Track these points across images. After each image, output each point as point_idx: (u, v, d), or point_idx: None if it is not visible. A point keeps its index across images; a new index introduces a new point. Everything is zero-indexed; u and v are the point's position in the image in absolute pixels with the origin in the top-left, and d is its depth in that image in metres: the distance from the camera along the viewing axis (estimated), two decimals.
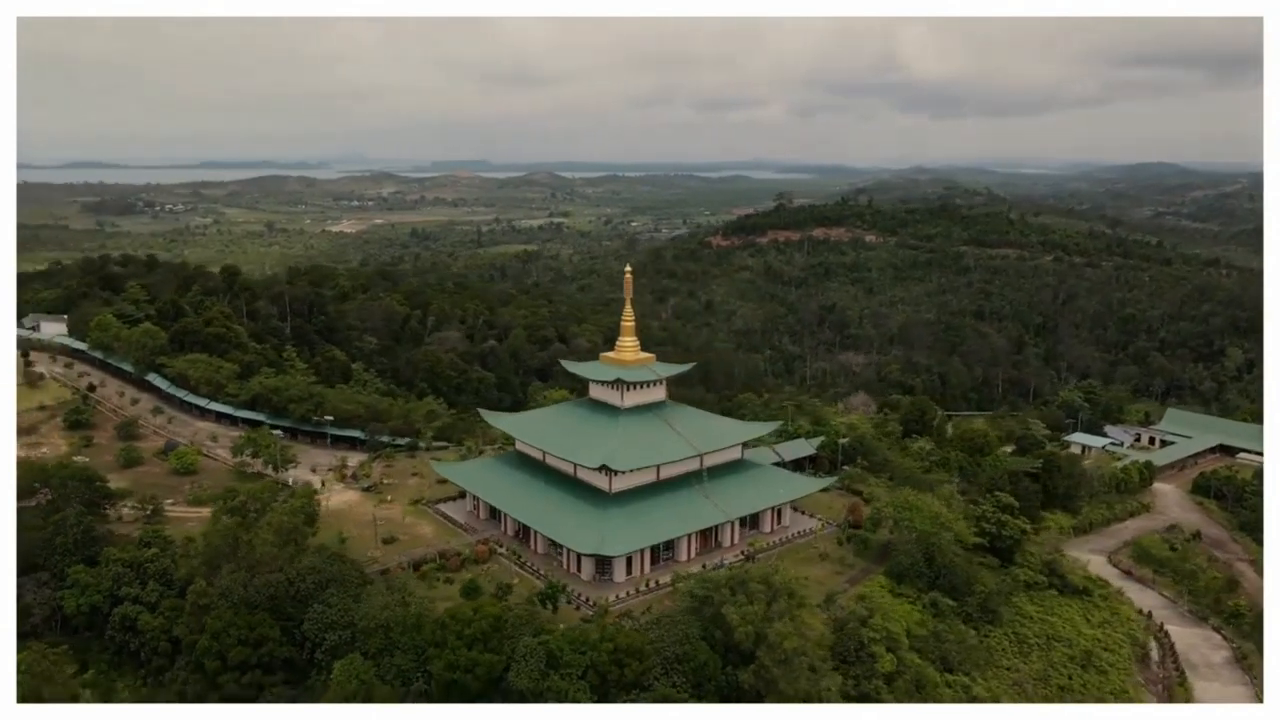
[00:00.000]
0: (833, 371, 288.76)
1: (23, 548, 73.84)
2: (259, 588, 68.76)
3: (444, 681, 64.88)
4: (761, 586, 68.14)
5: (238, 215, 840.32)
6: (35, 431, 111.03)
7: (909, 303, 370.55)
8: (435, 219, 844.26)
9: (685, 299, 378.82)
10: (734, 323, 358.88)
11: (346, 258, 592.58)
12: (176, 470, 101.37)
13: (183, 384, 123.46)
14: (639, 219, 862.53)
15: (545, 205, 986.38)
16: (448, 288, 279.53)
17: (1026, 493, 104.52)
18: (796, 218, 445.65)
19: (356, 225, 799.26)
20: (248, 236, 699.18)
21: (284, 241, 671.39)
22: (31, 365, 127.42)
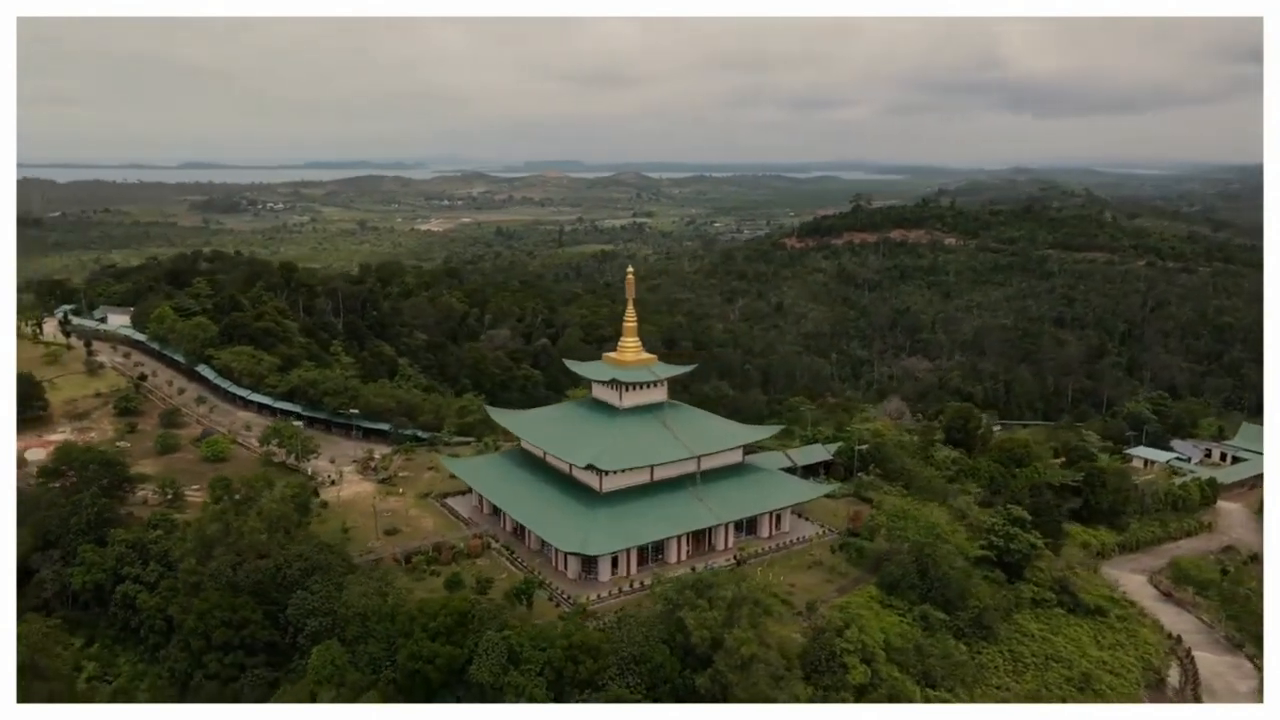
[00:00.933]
0: (898, 377, 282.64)
1: (42, 526, 78.99)
2: (246, 572, 71.76)
3: (407, 671, 66.58)
4: (724, 591, 67.75)
5: (334, 214, 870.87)
6: (88, 416, 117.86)
7: (986, 308, 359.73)
8: (521, 218, 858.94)
9: (754, 300, 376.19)
10: (803, 325, 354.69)
11: (431, 255, 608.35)
12: (207, 458, 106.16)
13: (228, 375, 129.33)
14: (722, 220, 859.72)
15: (630, 205, 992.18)
16: (511, 286, 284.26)
17: (1046, 506, 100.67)
18: (873, 219, 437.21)
19: (444, 224, 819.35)
20: (341, 234, 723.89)
21: (374, 240, 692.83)
22: (94, 354, 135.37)
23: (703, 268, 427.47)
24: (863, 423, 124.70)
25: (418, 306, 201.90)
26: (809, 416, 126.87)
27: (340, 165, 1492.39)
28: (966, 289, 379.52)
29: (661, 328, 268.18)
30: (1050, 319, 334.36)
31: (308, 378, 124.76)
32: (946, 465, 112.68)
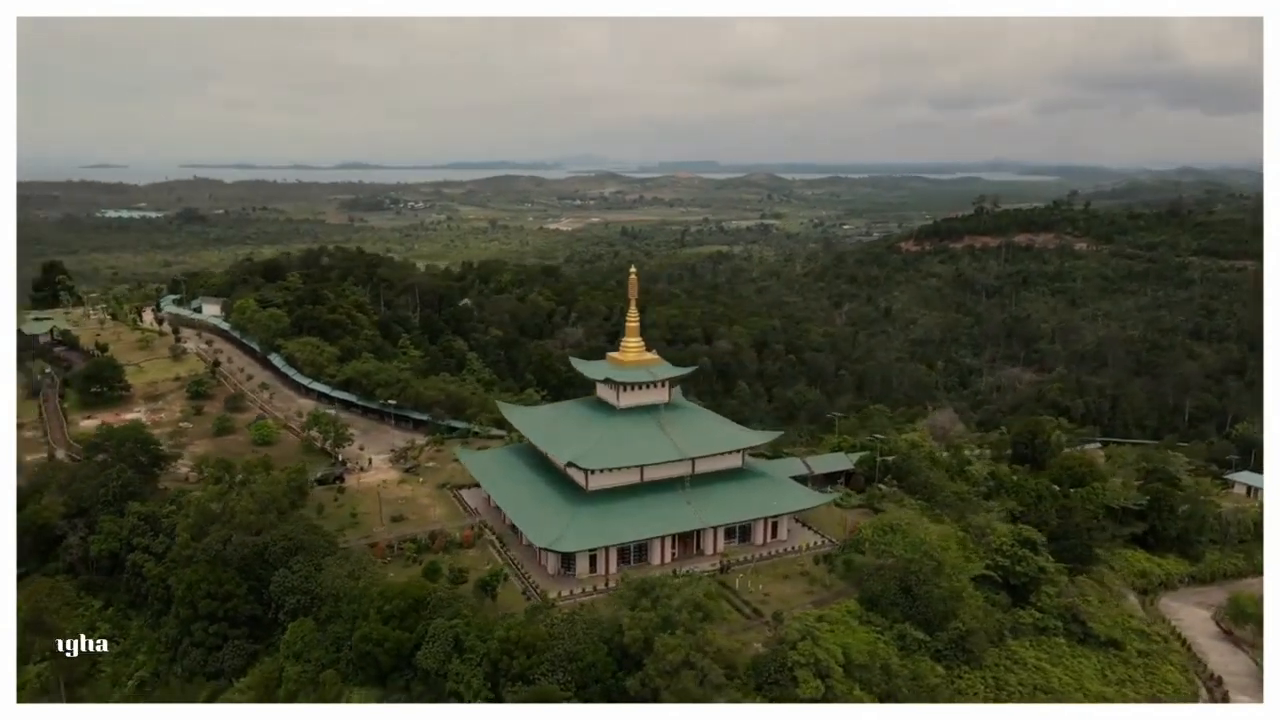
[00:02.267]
0: (1004, 387, 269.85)
1: (74, 495, 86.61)
2: (234, 548, 76.48)
3: (360, 651, 69.60)
4: (667, 594, 67.46)
5: (470, 213, 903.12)
6: (163, 398, 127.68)
7: (1114, 317, 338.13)
8: (649, 218, 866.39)
9: (862, 305, 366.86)
10: (912, 332, 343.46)
11: (554, 253, 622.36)
12: (255, 441, 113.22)
13: (293, 364, 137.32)
14: (853, 221, 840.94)
15: (759, 207, 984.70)
16: (606, 285, 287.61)
17: (1074, 529, 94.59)
18: (998, 222, 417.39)
19: (573, 223, 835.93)
20: (472, 232, 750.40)
21: (503, 238, 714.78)
22: (180, 341, 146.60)
23: (812, 270, 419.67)
24: (904, 433, 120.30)
25: (497, 303, 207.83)
26: (839, 424, 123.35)
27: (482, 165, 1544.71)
28: (1094, 297, 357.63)
29: (754, 330, 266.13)
30: (1185, 330, 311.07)
31: (362, 369, 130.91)
32: (980, 481, 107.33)
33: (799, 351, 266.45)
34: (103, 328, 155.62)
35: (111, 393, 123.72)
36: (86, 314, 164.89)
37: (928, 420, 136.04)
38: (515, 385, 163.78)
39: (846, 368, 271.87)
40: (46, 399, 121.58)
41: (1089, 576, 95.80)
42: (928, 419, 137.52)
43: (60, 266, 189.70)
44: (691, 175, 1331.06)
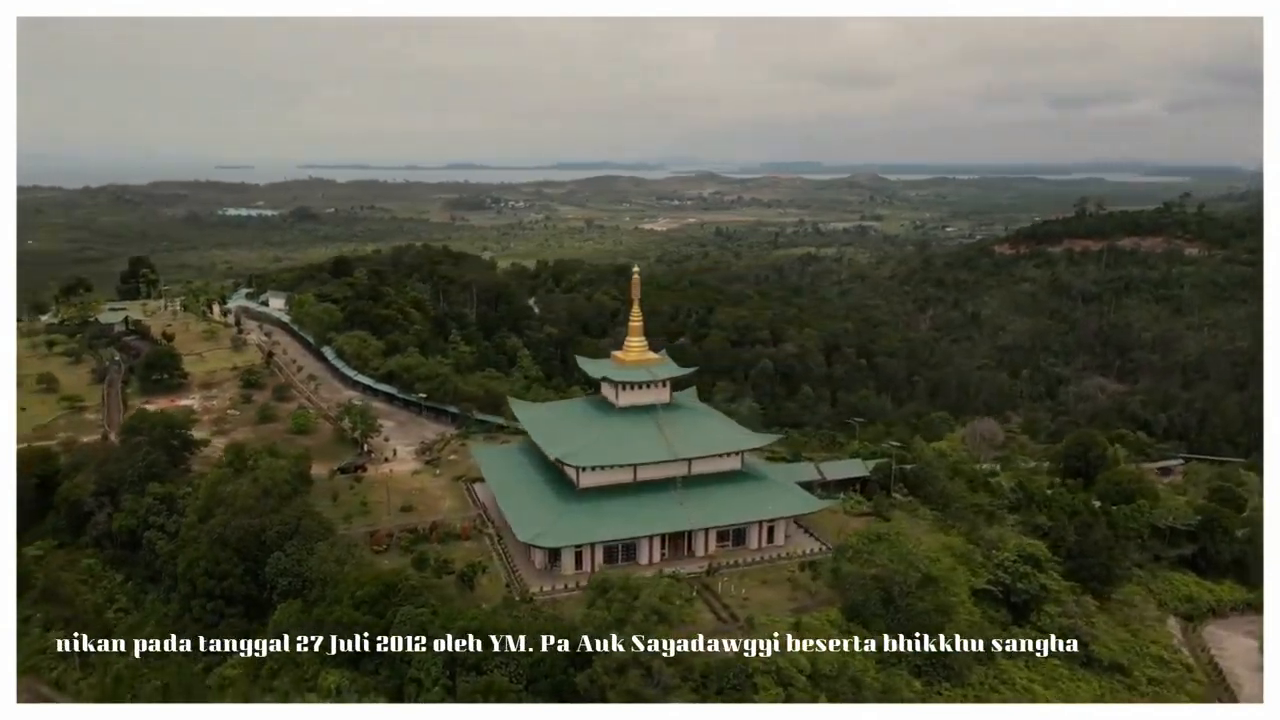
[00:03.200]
0: (1088, 397, 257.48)
1: (106, 475, 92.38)
2: (233, 530, 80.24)
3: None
4: (621, 594, 67.57)
5: (568, 212, 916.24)
6: (218, 386, 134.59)
7: (1223, 327, 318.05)
8: (745, 219, 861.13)
9: (949, 310, 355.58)
10: (999, 338, 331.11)
11: (645, 253, 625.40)
12: (293, 430, 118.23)
13: (341, 357, 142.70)
14: (957, 224, 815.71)
15: (860, 208, 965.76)
16: (678, 286, 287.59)
17: (1093, 547, 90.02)
18: (1101, 225, 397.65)
19: (669, 224, 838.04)
20: (568, 232, 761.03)
21: (597, 238, 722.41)
22: (242, 333, 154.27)
23: (898, 273, 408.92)
24: (928, 443, 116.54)
25: (563, 302, 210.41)
26: (868, 430, 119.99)
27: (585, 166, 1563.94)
28: (1202, 305, 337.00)
29: (824, 333, 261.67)
30: None
31: (404, 363, 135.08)
32: (1004, 492, 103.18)
33: (871, 356, 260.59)
34: (175, 319, 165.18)
35: (170, 380, 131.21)
36: (164, 306, 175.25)
37: (967, 428, 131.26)
38: (564, 383, 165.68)
39: (921, 374, 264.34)
40: (111, 384, 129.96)
41: (1111, 597, 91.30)
42: (967, 427, 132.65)
43: (145, 261, 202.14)
44: (793, 176, 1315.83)
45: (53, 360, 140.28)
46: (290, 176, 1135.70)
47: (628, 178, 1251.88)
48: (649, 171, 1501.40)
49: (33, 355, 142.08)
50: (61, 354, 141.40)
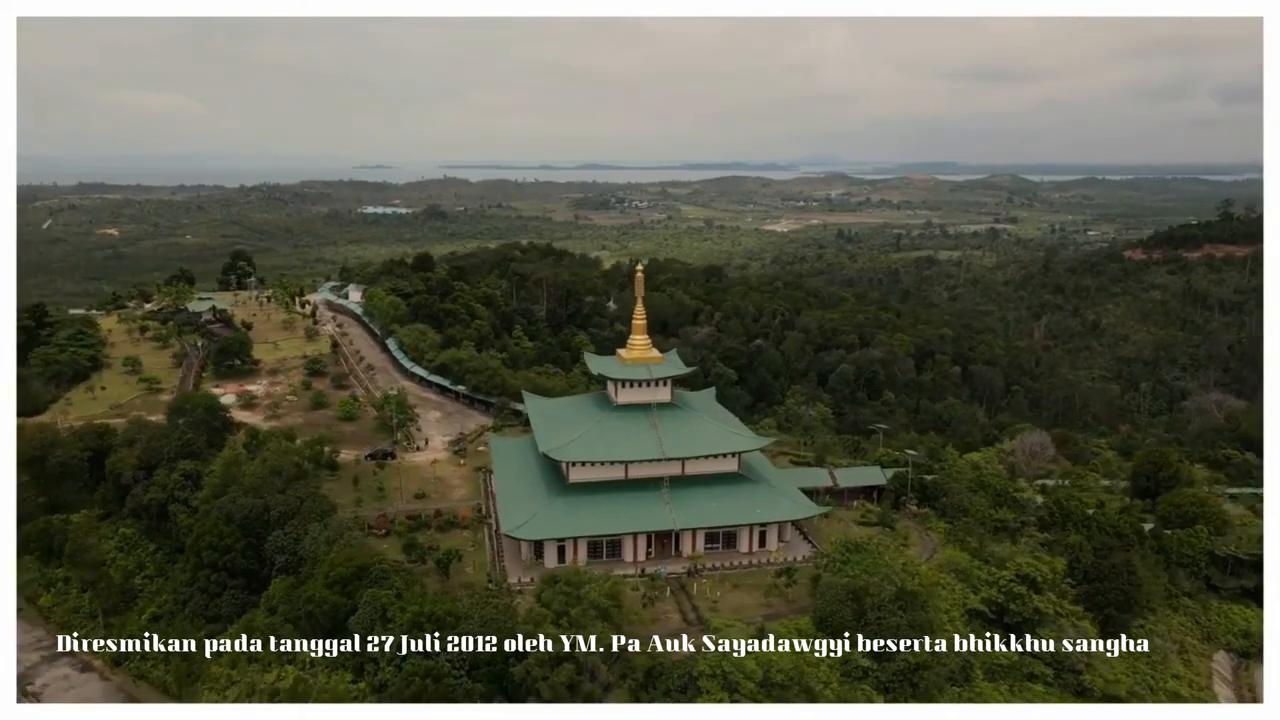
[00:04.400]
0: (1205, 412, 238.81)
1: (147, 452, 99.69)
2: (239, 507, 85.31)
3: (304, 612, 75.79)
4: (565, 588, 68.15)
5: (691, 212, 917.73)
6: (284, 372, 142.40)
7: None
8: (871, 221, 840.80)
9: (1067, 317, 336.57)
10: (1120, 349, 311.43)
11: (761, 254, 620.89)
12: (340, 416, 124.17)
13: (402, 348, 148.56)
14: (1101, 227, 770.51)
15: (996, 210, 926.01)
16: (770, 287, 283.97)
17: (1111, 571, 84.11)
18: (1248, 229, 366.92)
19: (791, 225, 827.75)
20: (687, 232, 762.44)
21: (715, 238, 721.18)
22: (317, 324, 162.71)
23: (1013, 278, 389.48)
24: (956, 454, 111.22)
25: (619, 299, 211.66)
26: (879, 438, 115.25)
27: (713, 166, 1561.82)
28: None
29: (918, 338, 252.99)
30: None
31: (455, 356, 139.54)
32: (1031, 509, 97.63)
33: (967, 363, 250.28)
34: (260, 309, 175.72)
35: (242, 366, 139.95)
36: (254, 297, 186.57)
37: (1016, 441, 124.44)
38: None
39: (1022, 384, 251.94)
40: (188, 367, 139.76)
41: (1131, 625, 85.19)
42: (1016, 439, 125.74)
43: (244, 254, 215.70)
44: (926, 177, 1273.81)
45: (144, 345, 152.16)
46: (428, 177, 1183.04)
47: (754, 178, 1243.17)
48: (779, 172, 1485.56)
49: (127, 340, 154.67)
50: (152, 339, 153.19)
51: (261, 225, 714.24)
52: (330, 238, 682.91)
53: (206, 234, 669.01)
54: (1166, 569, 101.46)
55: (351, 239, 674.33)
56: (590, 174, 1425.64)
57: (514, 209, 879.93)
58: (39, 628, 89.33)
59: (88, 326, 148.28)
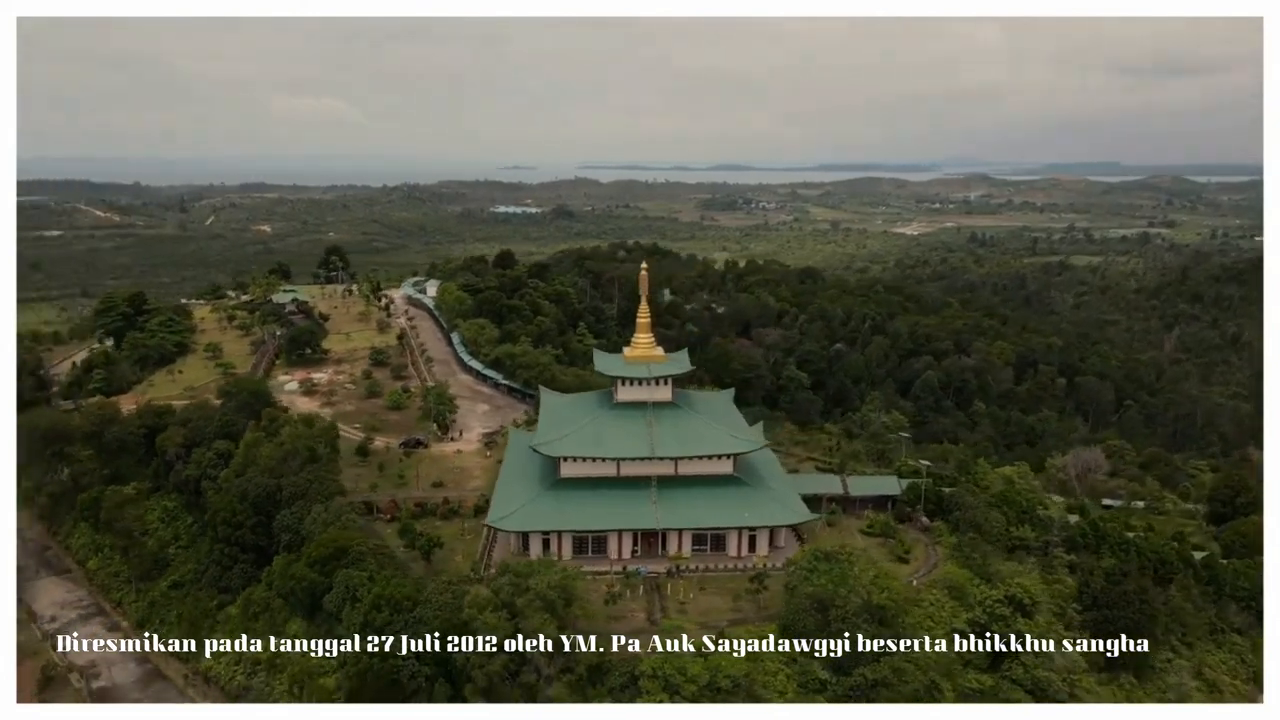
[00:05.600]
0: None
1: (191, 431, 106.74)
2: (253, 486, 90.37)
3: (286, 588, 79.77)
4: (515, 579, 69.01)
5: (819, 214, 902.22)
6: (350, 362, 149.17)
7: None
8: (1009, 224, 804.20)
9: (1204, 329, 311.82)
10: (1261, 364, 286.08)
11: (884, 258, 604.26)
12: (388, 405, 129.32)
13: (463, 342, 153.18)
14: None
15: (1152, 213, 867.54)
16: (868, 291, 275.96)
17: (1122, 599, 78.05)
18: None
19: (923, 228, 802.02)
20: (812, 234, 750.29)
21: (839, 241, 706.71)
22: (391, 316, 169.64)
23: (1145, 286, 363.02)
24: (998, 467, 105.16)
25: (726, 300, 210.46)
26: (903, 447, 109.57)
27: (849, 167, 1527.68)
28: None
29: (1021, 347, 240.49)
30: None
31: (508, 351, 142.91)
32: (1054, 527, 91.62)
33: (1075, 375, 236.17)
34: (342, 302, 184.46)
35: (311, 354, 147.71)
36: (341, 290, 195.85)
37: (1067, 457, 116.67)
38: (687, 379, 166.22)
39: (1137, 399, 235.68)
40: (262, 354, 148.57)
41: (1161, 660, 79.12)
42: (1068, 456, 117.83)
43: (339, 249, 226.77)
44: (1077, 178, 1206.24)
45: (229, 333, 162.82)
46: (563, 177, 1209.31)
47: (889, 180, 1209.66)
48: (918, 173, 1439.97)
49: (214, 328, 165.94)
50: (237, 328, 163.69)
51: (399, 223, 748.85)
52: (461, 236, 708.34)
53: (348, 231, 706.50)
54: (1216, 601, 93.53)
55: (480, 237, 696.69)
56: (722, 175, 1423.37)
57: (641, 209, 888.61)
58: (82, 588, 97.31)
59: (178, 314, 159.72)
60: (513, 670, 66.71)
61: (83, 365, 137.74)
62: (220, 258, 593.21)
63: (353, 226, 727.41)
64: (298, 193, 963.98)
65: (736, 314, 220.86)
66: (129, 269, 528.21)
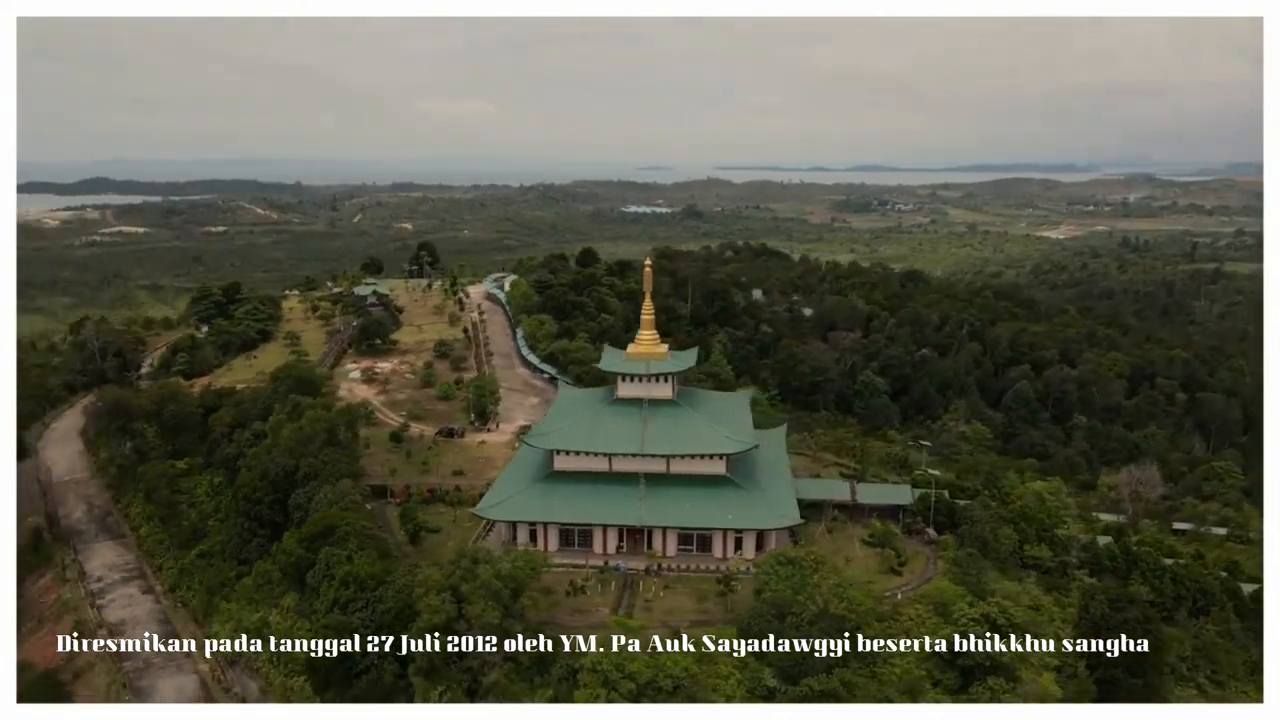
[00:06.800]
0: None
1: (239, 412, 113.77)
2: (274, 465, 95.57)
3: (280, 563, 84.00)
4: (466, 564, 70.37)
5: (959, 216, 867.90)
6: (415, 353, 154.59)
7: None
8: (1169, 228, 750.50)
9: None
10: None
11: (1019, 263, 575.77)
12: (438, 396, 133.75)
13: (525, 337, 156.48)
14: None
15: None
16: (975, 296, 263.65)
17: (1122, 627, 71.86)
18: None
19: (1071, 230, 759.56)
20: (947, 237, 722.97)
21: (975, 244, 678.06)
22: (463, 310, 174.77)
23: None
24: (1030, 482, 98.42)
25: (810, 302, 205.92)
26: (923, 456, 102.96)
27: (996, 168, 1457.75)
28: None
29: (1138, 360, 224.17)
30: None
31: (562, 347, 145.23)
32: (1072, 548, 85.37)
33: (1198, 390, 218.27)
34: (423, 295, 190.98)
35: (381, 345, 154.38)
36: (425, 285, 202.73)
37: (1121, 475, 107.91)
38: (749, 381, 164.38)
39: None
40: (335, 343, 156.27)
41: None
42: (1122, 473, 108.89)
43: (430, 246, 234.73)
44: (1254, 180, 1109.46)
45: (312, 323, 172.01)
46: (696, 177, 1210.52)
47: (1039, 180, 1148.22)
48: (1074, 174, 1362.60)
49: (299, 318, 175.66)
50: (320, 318, 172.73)
51: (531, 222, 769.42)
52: (590, 235, 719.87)
53: (482, 229, 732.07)
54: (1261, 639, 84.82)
55: (608, 236, 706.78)
56: (860, 176, 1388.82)
57: (771, 210, 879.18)
58: (132, 552, 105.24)
59: (264, 304, 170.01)
60: (457, 654, 68.05)
61: (170, 349, 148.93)
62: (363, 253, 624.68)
63: (487, 225, 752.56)
64: (441, 192, 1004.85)
65: (822, 316, 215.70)
66: (280, 262, 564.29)
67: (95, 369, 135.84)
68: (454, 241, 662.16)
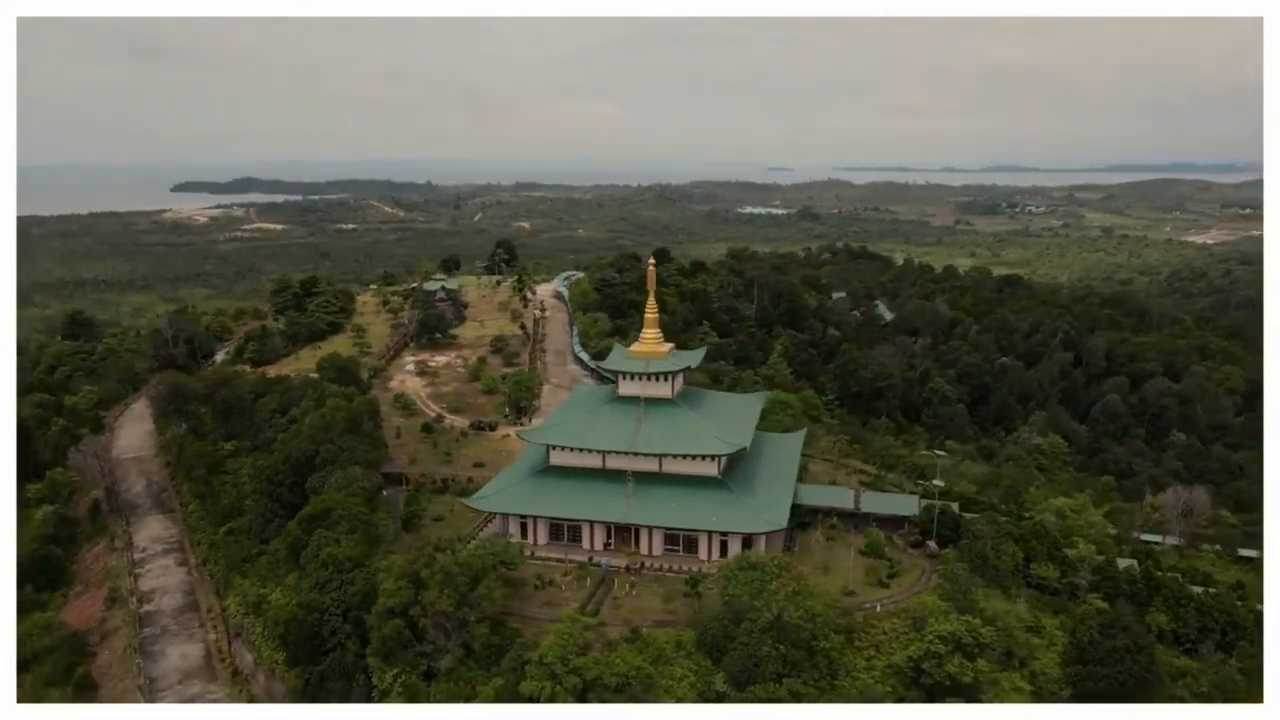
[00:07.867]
0: None
1: (283, 399, 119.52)
2: (296, 449, 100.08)
3: (286, 544, 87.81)
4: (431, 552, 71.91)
5: (1095, 219, 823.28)
6: (473, 348, 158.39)
7: None
8: None
9: None
10: None
11: (1157, 269, 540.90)
12: (482, 389, 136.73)
13: (580, 334, 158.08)
14: None
15: None
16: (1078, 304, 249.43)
17: (1111, 655, 66.80)
18: None
19: (1222, 235, 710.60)
20: (1079, 241, 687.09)
21: (1109, 249, 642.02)
22: (526, 306, 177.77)
23: None
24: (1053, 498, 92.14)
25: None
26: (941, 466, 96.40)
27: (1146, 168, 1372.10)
28: None
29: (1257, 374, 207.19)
30: None
31: (605, 346, 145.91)
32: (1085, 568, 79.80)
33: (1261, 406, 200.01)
34: (492, 292, 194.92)
35: (440, 339, 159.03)
36: (496, 282, 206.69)
37: (1165, 496, 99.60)
38: (806, 383, 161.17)
39: None
40: (397, 337, 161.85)
41: None
42: (1168, 492, 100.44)
43: (508, 244, 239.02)
44: None
45: (381, 316, 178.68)
46: (817, 178, 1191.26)
47: (1191, 181, 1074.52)
48: (1234, 174, 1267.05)
49: (370, 311, 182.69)
50: (389, 311, 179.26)
51: (646, 222, 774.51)
52: (703, 235, 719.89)
53: (596, 229, 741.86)
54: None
55: (721, 237, 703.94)
56: (992, 176, 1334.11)
57: (892, 212, 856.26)
58: (178, 526, 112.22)
59: (337, 297, 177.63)
60: (413, 638, 69.71)
61: (244, 337, 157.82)
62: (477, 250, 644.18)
63: (601, 224, 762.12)
64: (562, 192, 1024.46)
65: (902, 321, 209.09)
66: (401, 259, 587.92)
67: (167, 355, 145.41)
68: (566, 240, 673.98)
